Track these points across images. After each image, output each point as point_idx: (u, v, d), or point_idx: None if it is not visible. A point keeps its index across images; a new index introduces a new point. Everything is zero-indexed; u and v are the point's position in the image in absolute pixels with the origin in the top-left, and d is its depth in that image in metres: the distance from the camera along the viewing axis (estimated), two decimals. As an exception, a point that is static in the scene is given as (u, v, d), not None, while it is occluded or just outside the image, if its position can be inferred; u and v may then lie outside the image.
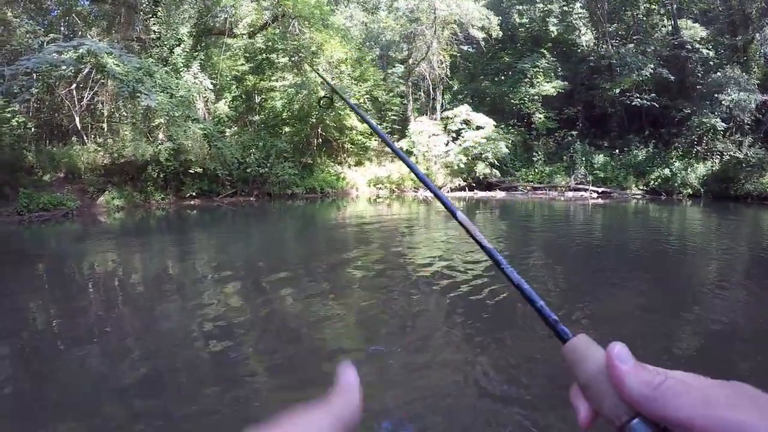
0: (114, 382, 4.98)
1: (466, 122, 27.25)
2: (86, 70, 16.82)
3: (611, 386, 0.54)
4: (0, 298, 7.91)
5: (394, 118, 31.97)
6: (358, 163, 29.16)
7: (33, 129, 18.69)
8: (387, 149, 30.68)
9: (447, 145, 27.24)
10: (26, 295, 8.21)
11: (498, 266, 0.85)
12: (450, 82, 32.64)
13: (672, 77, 25.16)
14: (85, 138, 19.37)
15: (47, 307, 7.58)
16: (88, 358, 5.51)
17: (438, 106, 30.80)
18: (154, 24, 20.41)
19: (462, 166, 26.67)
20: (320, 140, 27.55)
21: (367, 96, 29.33)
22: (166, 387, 4.93)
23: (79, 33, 18.92)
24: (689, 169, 22.45)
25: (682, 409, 0.46)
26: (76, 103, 18.16)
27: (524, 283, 0.79)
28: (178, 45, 20.98)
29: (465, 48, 33.70)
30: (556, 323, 0.68)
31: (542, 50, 28.97)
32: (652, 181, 23.76)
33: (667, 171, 23.17)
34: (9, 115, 16.48)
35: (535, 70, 28.10)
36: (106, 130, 19.90)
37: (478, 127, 26.80)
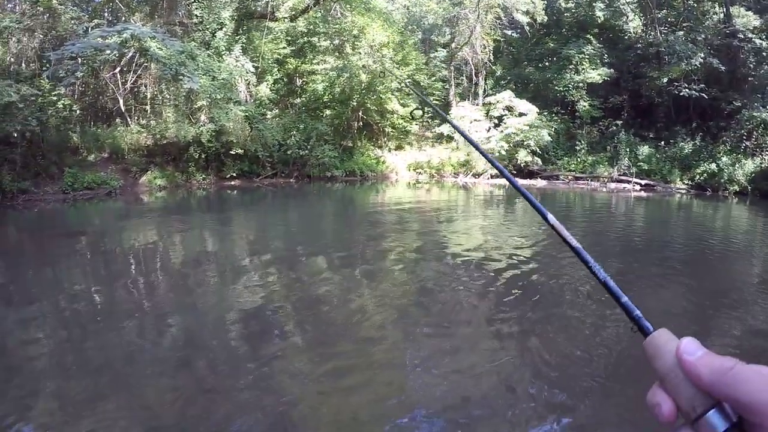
0: (150, 354, 5.21)
1: (509, 108, 26.78)
2: (130, 54, 17.23)
3: (686, 378, 0.58)
4: (45, 271, 8.33)
5: (436, 102, 31.68)
6: (398, 147, 29.07)
7: (78, 111, 19.34)
8: (428, 134, 30.57)
9: (488, 131, 26.84)
10: (70, 268, 8.60)
11: (586, 265, 0.94)
12: (493, 68, 32.06)
13: (723, 67, 24.03)
14: (128, 120, 19.91)
15: (89, 280, 7.93)
16: (126, 330, 5.77)
17: (480, 92, 30.35)
18: (196, 8, 20.75)
19: (503, 153, 26.25)
20: (361, 124, 27.57)
21: (409, 80, 29.15)
22: (201, 362, 5.14)
23: (123, 18, 19.30)
24: (737, 165, 21.47)
25: (753, 394, 0.51)
26: (120, 86, 18.64)
27: (610, 280, 0.87)
28: (220, 29, 21.26)
29: (509, 33, 33.09)
30: (639, 319, 0.76)
31: (588, 36, 28.12)
32: (698, 176, 22.89)
33: (713, 166, 22.26)
34: (55, 98, 17.08)
35: (580, 56, 27.33)
36: (149, 112, 20.38)
37: (521, 114, 26.33)
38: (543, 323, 6.44)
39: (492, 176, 26.89)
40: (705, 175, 22.57)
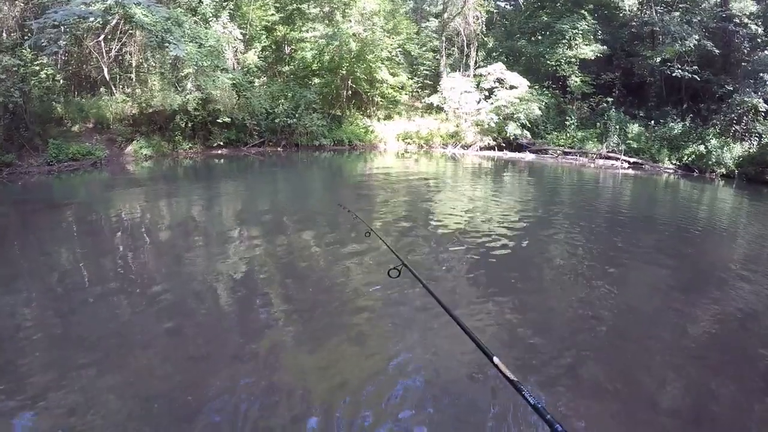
0: (139, 324, 5.25)
1: (500, 81, 26.54)
2: (114, 21, 16.76)
3: None
4: (31, 244, 8.24)
5: (426, 72, 31.46)
6: (388, 117, 28.88)
7: (62, 81, 18.82)
8: (417, 104, 30.34)
9: (479, 102, 26.65)
10: (56, 241, 8.52)
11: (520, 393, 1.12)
12: (485, 39, 31.69)
13: (716, 51, 23.89)
14: (113, 89, 19.45)
15: (76, 253, 7.91)
16: (115, 302, 5.79)
17: (471, 63, 30.00)
18: (183, -27, 20.15)
19: (493, 125, 26.18)
20: (350, 92, 27.35)
21: (400, 49, 28.80)
22: (190, 331, 5.21)
23: (107, -16, 18.71)
24: (725, 148, 21.50)
25: None
26: (104, 54, 18.13)
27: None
28: (208, -6, 20.71)
29: (502, 4, 32.77)
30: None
31: (583, 12, 27.68)
32: (686, 157, 22.93)
33: (702, 148, 22.28)
34: (38, 68, 16.63)
35: (574, 31, 26.94)
36: (134, 80, 19.92)
37: (512, 87, 26.13)
38: (527, 293, 6.57)
39: (481, 148, 26.88)
40: (693, 156, 22.65)
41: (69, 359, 4.52)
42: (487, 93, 26.89)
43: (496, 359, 1.25)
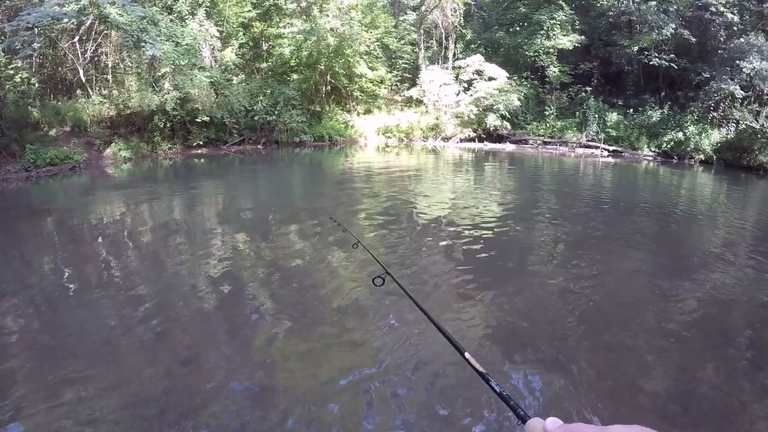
0: (125, 328, 5.22)
1: (479, 72, 26.67)
2: (89, 22, 16.49)
3: None
4: (11, 252, 8.14)
5: (405, 66, 31.42)
6: (367, 112, 28.89)
7: (37, 84, 18.51)
8: (397, 98, 30.34)
9: (458, 95, 26.81)
10: (37, 248, 8.42)
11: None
12: (463, 31, 31.77)
13: (693, 39, 24.21)
14: (90, 91, 19.18)
15: (57, 259, 7.82)
16: (99, 307, 5.75)
17: (450, 55, 30.08)
18: (157, -29, 19.90)
19: (473, 116, 26.35)
20: (329, 88, 27.26)
21: (378, 43, 28.74)
22: (176, 334, 5.19)
23: (81, -16, 18.42)
24: (703, 135, 21.86)
25: None
26: (80, 55, 17.88)
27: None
28: (183, -8, 20.48)
29: (480, -4, 32.79)
30: (516, 408, 1.04)
31: (560, 2, 27.82)
32: (665, 144, 23.27)
33: (680, 134, 22.62)
34: (12, 72, 16.41)
35: (551, 22, 27.11)
36: (111, 81, 19.65)
37: (491, 78, 26.28)
38: (510, 283, 6.63)
39: (461, 140, 27.00)
40: (672, 143, 22.98)
41: (54, 366, 4.49)
42: (466, 85, 27.03)
43: (467, 354, 1.44)
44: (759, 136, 20.11)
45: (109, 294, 6.12)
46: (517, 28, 30.02)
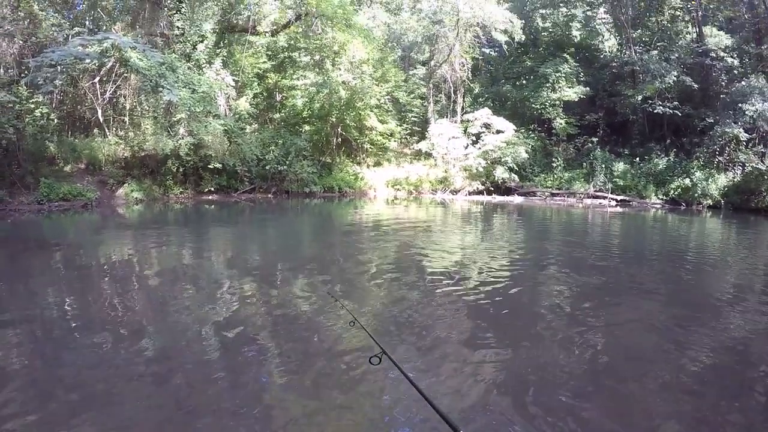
0: (126, 371, 5.02)
1: (486, 126, 27.12)
2: (110, 64, 16.97)
3: None
4: (17, 284, 8.06)
5: (415, 119, 31.96)
6: (377, 164, 29.23)
7: (56, 120, 19.01)
8: (406, 150, 30.72)
9: (467, 148, 27.17)
10: (43, 282, 8.34)
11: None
12: (471, 85, 32.45)
13: (695, 85, 24.81)
14: (106, 130, 19.62)
15: (63, 295, 7.69)
16: (101, 347, 5.55)
17: (458, 109, 30.63)
18: (177, 20, 20.62)
19: (481, 169, 26.62)
20: (340, 140, 27.70)
21: (388, 97, 29.36)
22: (178, 380, 4.96)
23: (104, 27, 19.15)
24: (710, 180, 22.05)
25: None
26: (99, 96, 18.33)
27: None
28: (201, 41, 21.16)
29: (487, 51, 33.58)
30: None
31: (565, 55, 28.67)
32: (672, 191, 23.40)
33: (687, 181, 22.78)
34: (33, 106, 16.78)
35: (557, 74, 27.82)
36: (127, 123, 20.12)
37: (498, 131, 26.69)
38: (519, 340, 6.43)
39: (470, 192, 27.14)
40: (679, 189, 23.08)
41: (48, 405, 4.32)
42: (474, 138, 27.42)
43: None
44: (766, 177, 20.17)
45: (111, 335, 5.96)
46: (524, 82, 30.76)
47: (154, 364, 5.20)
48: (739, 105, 21.88)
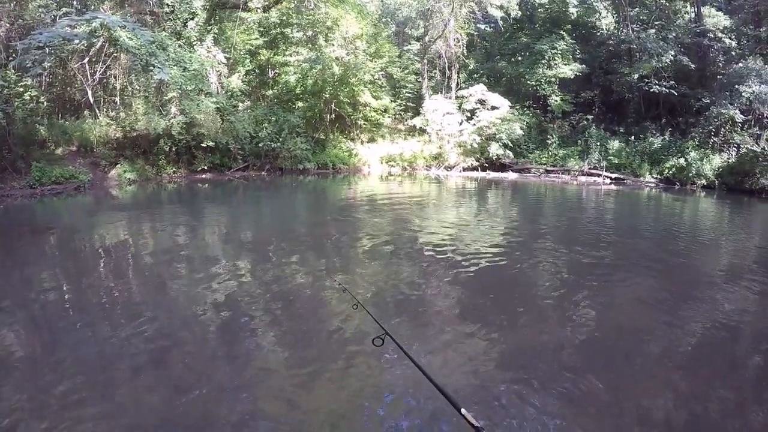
0: (125, 353, 5.11)
1: (481, 102, 26.92)
2: (99, 44, 16.67)
3: None
4: (12, 270, 8.09)
5: (409, 95, 31.73)
6: (371, 140, 29.08)
7: (45, 103, 18.70)
8: (400, 127, 30.57)
9: (461, 124, 27.00)
10: (38, 266, 8.38)
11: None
12: (466, 61, 32.14)
13: (692, 65, 24.62)
14: (97, 112, 19.38)
15: (58, 279, 7.77)
16: (98, 330, 5.64)
17: (453, 85, 30.37)
18: (167, -3, 20.25)
19: (475, 145, 26.51)
20: (333, 116, 27.48)
21: (382, 72, 29.09)
22: (176, 360, 5.07)
23: (92, 6, 18.64)
24: (705, 160, 22.09)
25: None
26: (89, 76, 18.07)
27: None
28: (192, 19, 20.77)
29: (482, 27, 33.22)
30: None
31: (561, 32, 28.33)
32: (667, 170, 23.47)
33: (682, 160, 22.83)
34: (22, 90, 16.53)
35: (553, 51, 27.52)
36: (118, 103, 19.87)
37: (493, 107, 26.51)
38: (515, 315, 6.54)
39: (464, 168, 27.11)
40: (674, 169, 23.15)
41: (49, 388, 4.38)
42: (469, 114, 27.25)
43: (463, 410, 1.52)
44: (760, 159, 20.27)
45: (108, 317, 6.01)
46: (519, 58, 30.46)
47: (152, 345, 5.30)
48: (736, 86, 21.84)
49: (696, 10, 27.28)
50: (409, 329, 5.89)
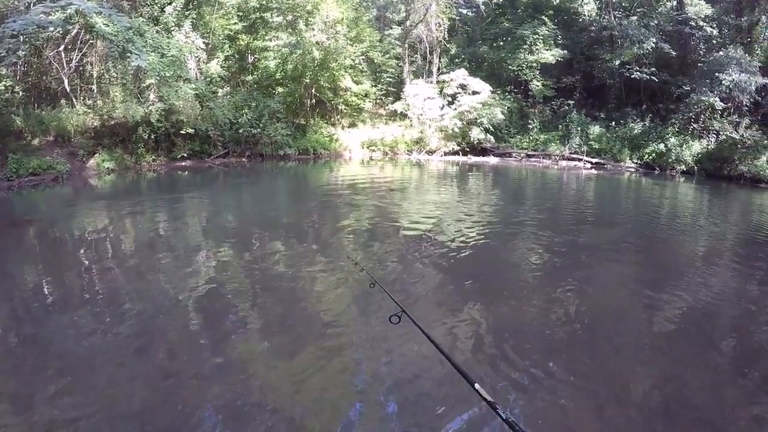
0: (107, 343, 5.11)
1: (463, 86, 26.94)
2: (75, 31, 16.37)
3: None
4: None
5: (390, 80, 31.62)
6: (352, 125, 28.97)
7: (21, 93, 18.19)
8: (381, 111, 30.47)
9: (442, 108, 27.04)
10: (17, 260, 8.29)
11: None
12: (447, 46, 32.05)
13: (673, 53, 24.95)
14: (74, 100, 18.99)
15: (38, 272, 7.71)
16: (80, 321, 5.62)
17: (434, 70, 30.31)
18: (144, -18, 19.89)
19: (456, 130, 26.59)
20: (314, 101, 27.30)
21: (363, 57, 28.91)
22: (159, 349, 5.10)
23: (67, -7, 18.30)
24: (684, 146, 22.45)
25: None
26: (65, 65, 17.70)
27: None
28: (169, 3, 20.45)
29: (464, 11, 33.14)
30: None
31: (543, 17, 28.39)
32: (647, 155, 23.80)
33: (662, 146, 23.16)
34: (-5, 80, 16.13)
35: (535, 37, 27.59)
36: (95, 91, 19.51)
37: (475, 92, 26.57)
38: (496, 297, 6.64)
39: (446, 153, 27.16)
40: (654, 154, 23.48)
41: (31, 380, 4.37)
42: (450, 99, 27.26)
43: (477, 385, 1.58)
44: (739, 146, 20.64)
45: (89, 308, 5.98)
46: (501, 43, 30.45)
47: (134, 335, 5.31)
48: (716, 74, 22.08)
49: (679, -3, 27.44)
50: (386, 301, 5.96)
